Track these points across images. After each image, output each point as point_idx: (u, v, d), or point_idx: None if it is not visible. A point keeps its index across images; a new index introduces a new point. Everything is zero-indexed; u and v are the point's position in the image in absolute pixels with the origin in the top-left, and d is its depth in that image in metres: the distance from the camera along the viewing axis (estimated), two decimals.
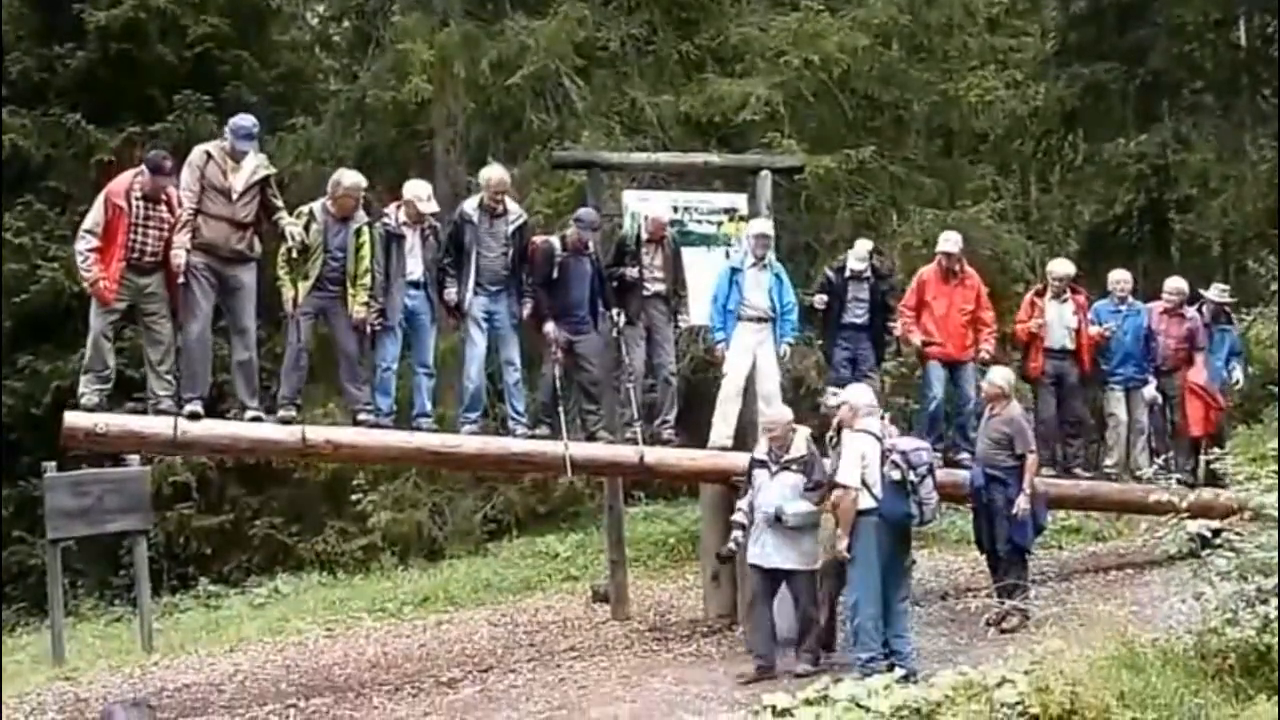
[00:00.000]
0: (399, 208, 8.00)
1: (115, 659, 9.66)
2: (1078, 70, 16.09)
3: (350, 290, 7.67)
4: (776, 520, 7.11)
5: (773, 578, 7.35)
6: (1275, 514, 5.70)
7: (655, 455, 8.39)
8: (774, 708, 5.71)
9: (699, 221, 9.30)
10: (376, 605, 10.91)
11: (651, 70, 13.73)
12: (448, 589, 11.27)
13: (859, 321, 8.91)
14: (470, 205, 8.28)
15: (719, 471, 8.52)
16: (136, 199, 7.25)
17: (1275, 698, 5.04)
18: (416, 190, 8.05)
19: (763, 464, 7.39)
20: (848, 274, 8.92)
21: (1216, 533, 5.93)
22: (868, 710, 5.33)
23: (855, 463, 6.76)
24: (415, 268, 7.95)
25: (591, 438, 8.36)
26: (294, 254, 7.57)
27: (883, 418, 7.35)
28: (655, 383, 8.81)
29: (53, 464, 9.91)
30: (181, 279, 7.28)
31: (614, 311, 8.43)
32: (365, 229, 7.75)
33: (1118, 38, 16.31)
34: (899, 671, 6.25)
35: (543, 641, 9.08)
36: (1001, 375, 8.22)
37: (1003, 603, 7.81)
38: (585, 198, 9.45)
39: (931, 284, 9.08)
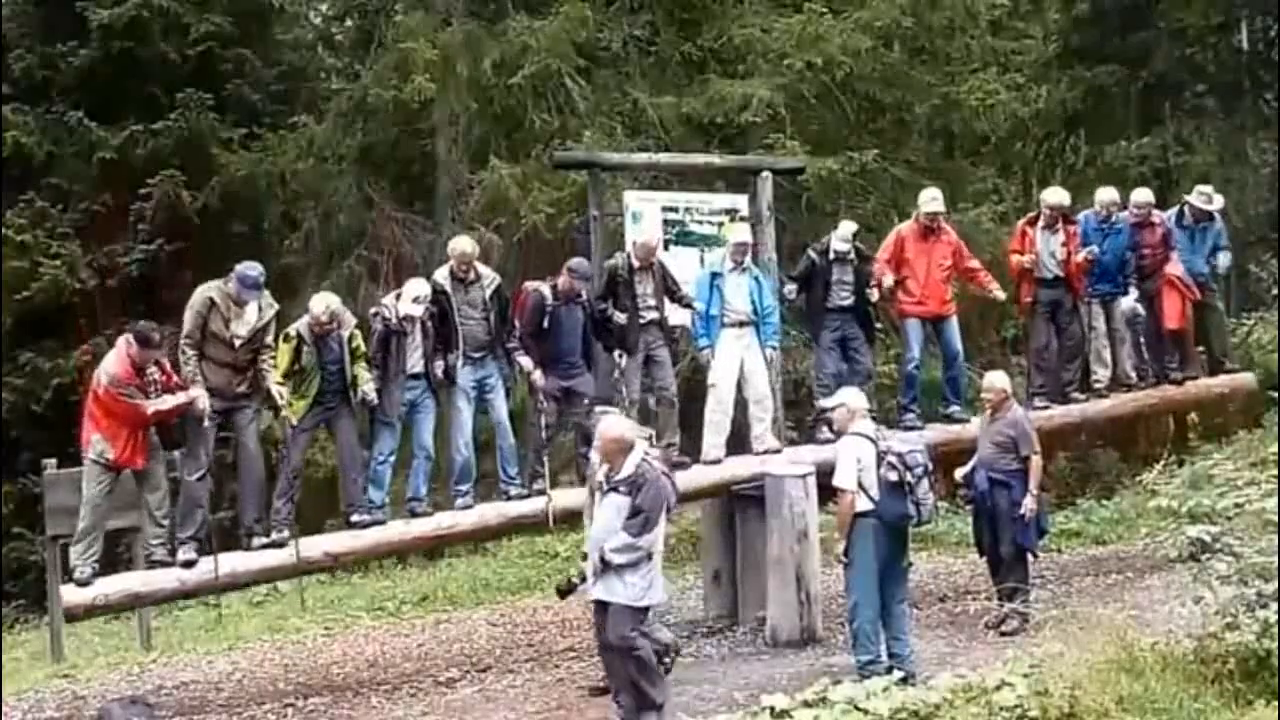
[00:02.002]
0: (398, 298, 7.97)
1: (114, 657, 9.66)
2: (1080, 73, 16.09)
3: (350, 385, 7.69)
4: (600, 559, 6.21)
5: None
6: (1275, 518, 5.70)
7: None
8: (772, 709, 5.70)
9: (700, 222, 9.29)
10: (375, 604, 10.91)
11: (653, 71, 13.75)
12: (446, 588, 11.26)
13: (845, 304, 8.89)
14: (441, 275, 8.23)
15: (717, 485, 8.57)
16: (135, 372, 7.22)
17: (1275, 703, 5.04)
18: (406, 290, 7.98)
19: (600, 483, 6.51)
20: (832, 256, 8.86)
21: (1217, 537, 5.93)
22: (866, 713, 5.31)
23: (851, 466, 6.76)
24: (416, 362, 7.96)
25: (584, 480, 8.35)
26: (281, 385, 7.53)
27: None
28: (658, 406, 8.76)
29: (53, 461, 9.92)
30: (205, 422, 7.31)
31: (616, 354, 8.36)
32: (355, 333, 7.77)
33: (1120, 40, 16.30)
34: (897, 674, 6.24)
35: (541, 642, 9.07)
36: (1001, 379, 8.23)
37: (1002, 605, 7.81)
38: (587, 198, 9.45)
39: (910, 241, 9.09)
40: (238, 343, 7.42)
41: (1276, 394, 11.47)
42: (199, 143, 14.30)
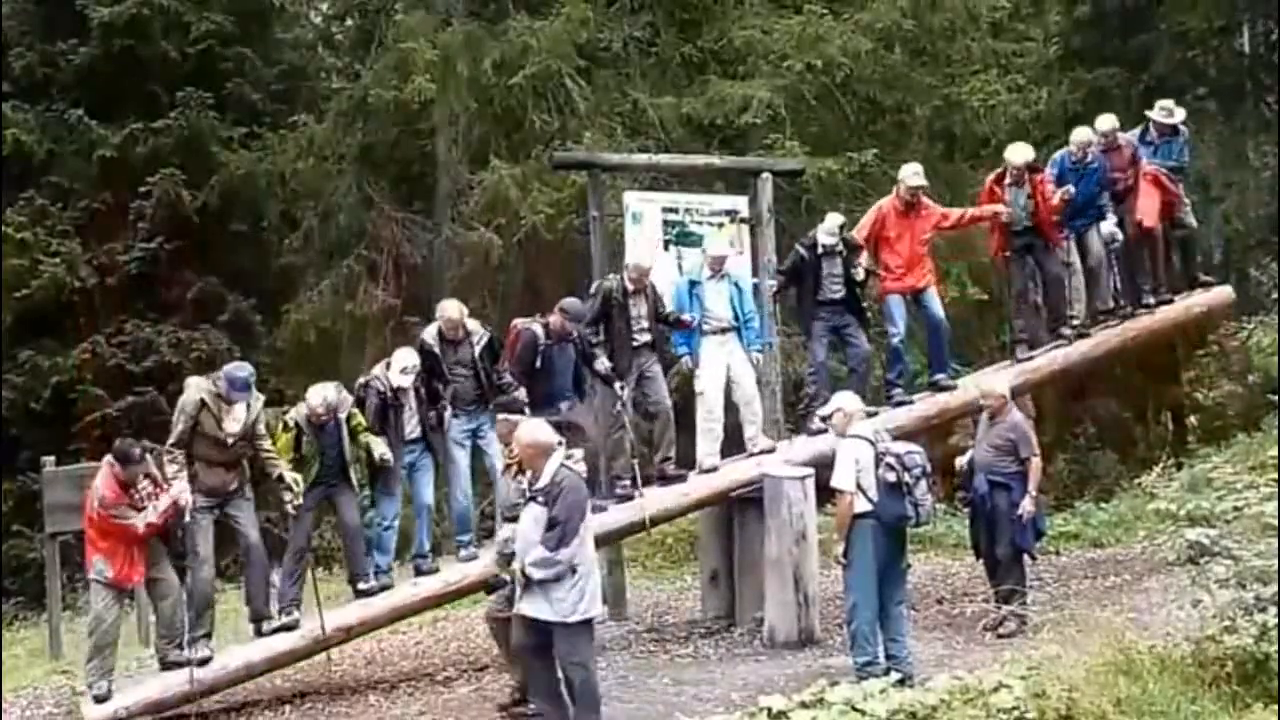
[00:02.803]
0: (387, 367, 7.97)
1: None
2: (1080, 75, 16.08)
3: (356, 460, 7.74)
4: (522, 574, 5.92)
5: (535, 628, 6.01)
6: (1274, 522, 5.70)
7: (654, 504, 8.43)
8: (770, 710, 5.69)
9: (700, 223, 9.28)
10: None
11: (654, 71, 13.75)
12: None
13: (836, 297, 8.84)
14: (430, 335, 8.23)
15: (718, 493, 8.58)
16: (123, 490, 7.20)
17: (1273, 706, 5.04)
18: (395, 360, 7.97)
19: (522, 491, 6.29)
20: (820, 250, 8.80)
21: (1215, 540, 5.92)
22: (864, 714, 5.30)
23: (849, 467, 6.77)
24: (414, 428, 8.00)
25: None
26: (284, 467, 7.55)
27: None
28: (654, 421, 8.77)
29: (51, 458, 9.92)
30: (189, 517, 7.28)
31: (618, 385, 8.31)
32: (354, 412, 7.77)
33: (1121, 43, 16.30)
34: (895, 675, 6.24)
35: None
36: (1000, 383, 8.25)
37: (999, 607, 7.81)
38: (587, 199, 9.46)
39: (891, 218, 9.05)
40: (230, 441, 7.42)
41: (1276, 397, 11.47)
42: (199, 141, 14.29)
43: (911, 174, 9.10)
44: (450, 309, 8.27)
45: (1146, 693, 5.14)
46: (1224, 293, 10.71)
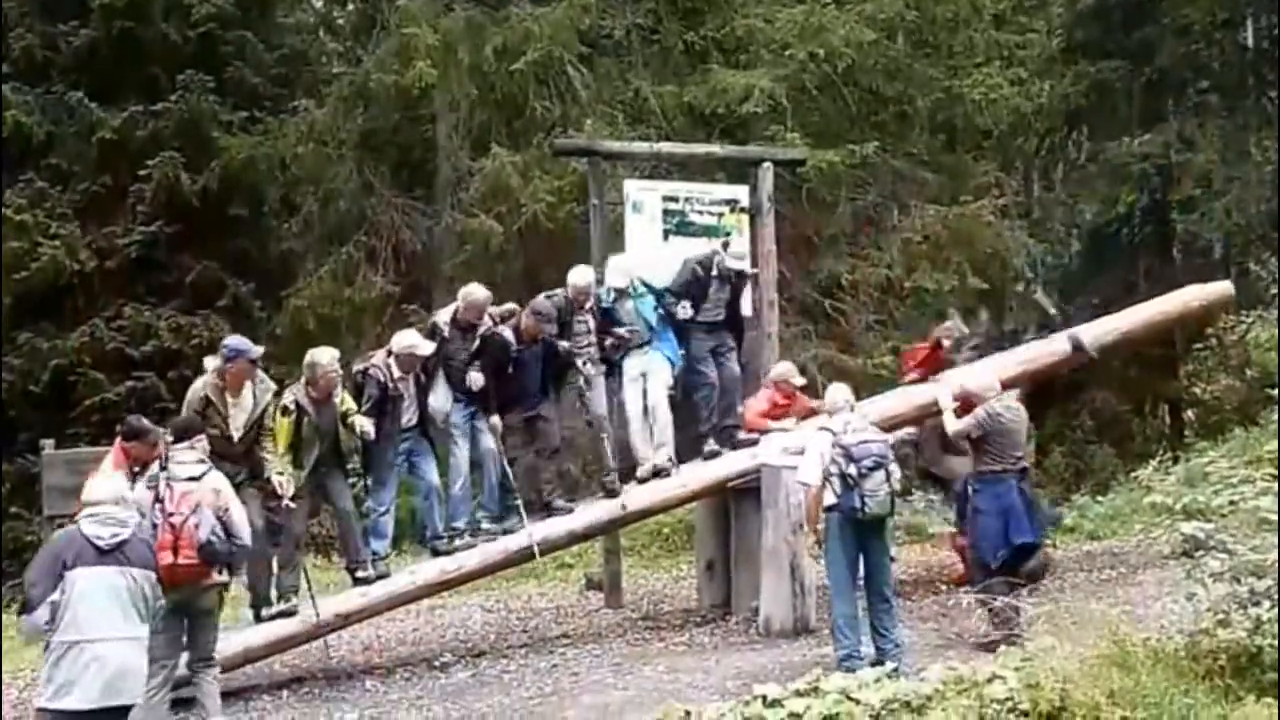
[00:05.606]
0: (389, 355, 7.91)
1: None
2: (1083, 68, 16.04)
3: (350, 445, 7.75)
4: None
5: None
6: (1272, 517, 5.71)
7: (639, 502, 8.45)
8: (764, 698, 5.72)
9: (700, 213, 9.29)
10: None
11: (655, 60, 13.72)
12: None
13: (717, 320, 8.68)
14: (443, 319, 8.19)
15: (707, 487, 8.58)
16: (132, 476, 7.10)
17: (1265, 699, 5.06)
18: (405, 340, 7.96)
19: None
20: (715, 272, 8.57)
21: (1211, 534, 5.93)
22: (858, 703, 5.33)
23: (815, 461, 6.79)
24: (412, 417, 8.00)
25: (547, 508, 8.35)
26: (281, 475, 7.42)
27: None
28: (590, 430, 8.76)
29: (50, 441, 9.93)
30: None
31: (580, 361, 8.29)
32: (345, 395, 7.71)
33: (1124, 36, 16.25)
34: (889, 665, 6.26)
35: (536, 628, 9.11)
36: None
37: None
38: (587, 187, 9.45)
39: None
40: (236, 435, 7.35)
41: (1275, 392, 11.49)
42: (199, 125, 14.25)
43: (790, 374, 8.79)
44: (478, 293, 8.22)
45: (1140, 685, 5.15)
46: (1223, 287, 10.67)
